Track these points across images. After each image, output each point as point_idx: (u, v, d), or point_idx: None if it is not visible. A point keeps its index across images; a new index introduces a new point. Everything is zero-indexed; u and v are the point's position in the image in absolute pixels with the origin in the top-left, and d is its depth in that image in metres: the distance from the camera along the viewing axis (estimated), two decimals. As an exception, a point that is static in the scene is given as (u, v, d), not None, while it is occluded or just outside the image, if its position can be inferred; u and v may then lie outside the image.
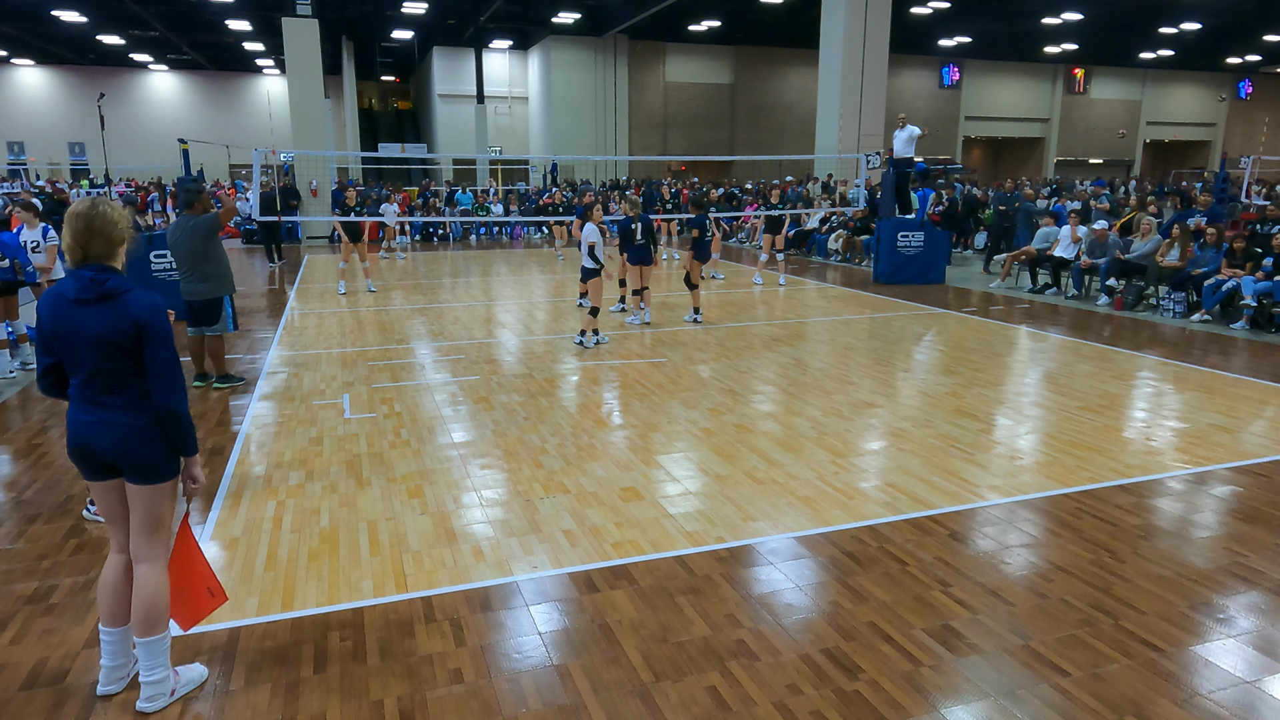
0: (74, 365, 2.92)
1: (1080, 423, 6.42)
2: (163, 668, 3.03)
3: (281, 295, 13.42)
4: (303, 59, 21.93)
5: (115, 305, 2.86)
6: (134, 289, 2.93)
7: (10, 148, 37.26)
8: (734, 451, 5.77)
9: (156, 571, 3.03)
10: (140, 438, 2.92)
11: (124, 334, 2.85)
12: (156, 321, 2.90)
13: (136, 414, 2.92)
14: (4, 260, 7.84)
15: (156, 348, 2.89)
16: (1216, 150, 44.36)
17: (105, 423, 2.91)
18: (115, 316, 2.85)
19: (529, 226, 24.61)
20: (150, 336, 2.87)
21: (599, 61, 35.60)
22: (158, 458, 2.96)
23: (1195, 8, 29.98)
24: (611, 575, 4.00)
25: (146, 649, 3.01)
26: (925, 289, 13.51)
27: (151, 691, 3.01)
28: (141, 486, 2.97)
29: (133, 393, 2.92)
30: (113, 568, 3.09)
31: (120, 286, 2.88)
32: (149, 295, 2.94)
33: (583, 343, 9.22)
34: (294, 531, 4.51)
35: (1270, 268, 10.25)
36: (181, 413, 2.95)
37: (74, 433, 2.95)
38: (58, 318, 2.88)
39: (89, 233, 2.88)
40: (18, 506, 4.89)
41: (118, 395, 2.91)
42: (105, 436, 2.91)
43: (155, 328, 2.89)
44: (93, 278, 2.86)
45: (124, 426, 2.91)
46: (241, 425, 6.44)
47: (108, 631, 3.09)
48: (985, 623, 3.57)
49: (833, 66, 20.78)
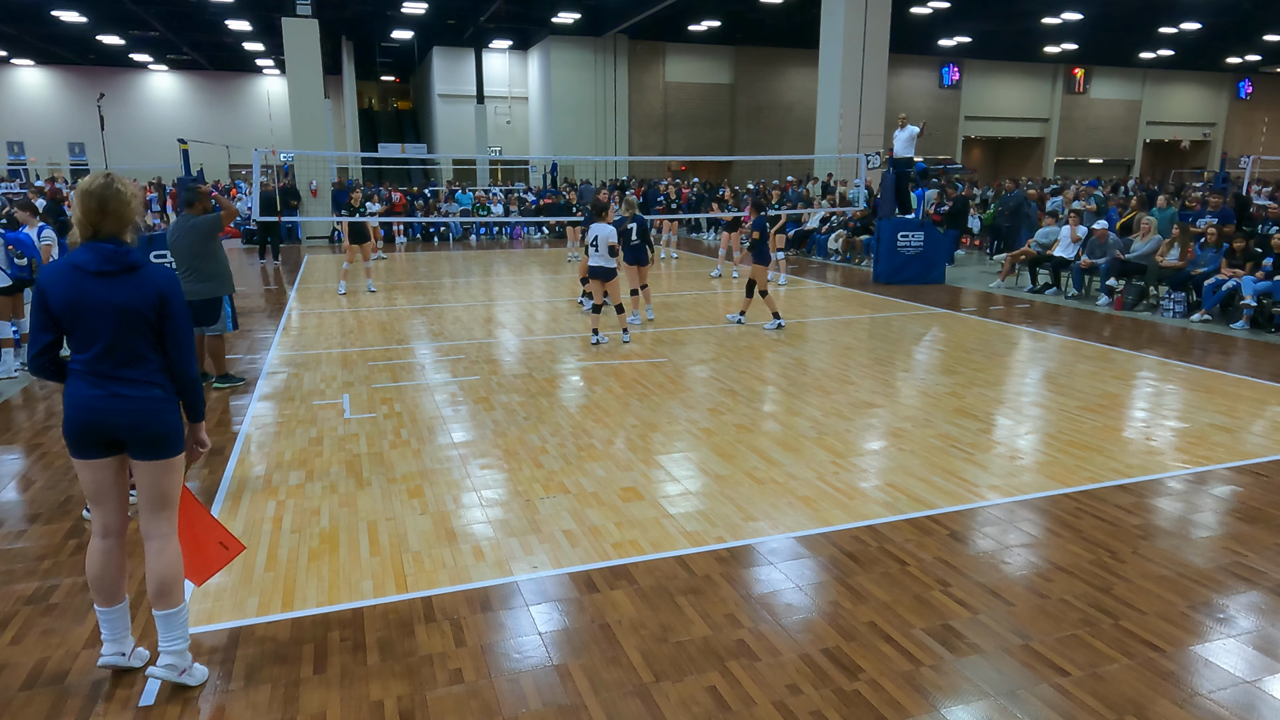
0: (88, 338, 2.91)
1: (1080, 423, 6.42)
2: (182, 639, 3.09)
3: (281, 295, 13.43)
4: (303, 59, 21.93)
5: (138, 277, 2.93)
6: (152, 264, 3.02)
7: (10, 148, 37.23)
8: (734, 451, 5.77)
9: (170, 545, 3.09)
10: (154, 411, 2.98)
11: (149, 305, 2.92)
12: (176, 293, 3.00)
13: (150, 388, 2.98)
14: (22, 259, 7.88)
15: (176, 319, 2.98)
16: (1216, 150, 44.36)
17: (119, 396, 2.94)
18: (140, 288, 2.92)
19: (529, 227, 24.61)
20: (172, 308, 2.97)
21: (599, 61, 35.59)
22: (169, 431, 3.02)
23: (1195, 8, 29.97)
24: (611, 575, 4.00)
25: (165, 621, 3.06)
26: (925, 289, 13.51)
27: (170, 660, 3.06)
28: (151, 462, 3.01)
29: (149, 366, 2.99)
30: (96, 553, 3.09)
31: (140, 260, 2.96)
32: (166, 269, 3.05)
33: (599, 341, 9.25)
34: (294, 531, 4.51)
35: (1270, 268, 10.25)
36: (197, 378, 3.10)
37: (81, 407, 2.94)
38: (72, 290, 2.88)
39: (102, 211, 2.91)
40: (18, 506, 4.89)
41: (133, 369, 2.96)
42: (119, 410, 2.94)
43: (176, 299, 2.99)
44: (115, 250, 2.91)
45: (139, 400, 2.96)
46: (241, 425, 6.44)
47: (103, 611, 3.13)
48: (985, 623, 3.57)
49: (833, 66, 20.78)
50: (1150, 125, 45.48)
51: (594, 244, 9.20)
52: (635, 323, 10.51)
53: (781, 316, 10.35)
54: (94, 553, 3.10)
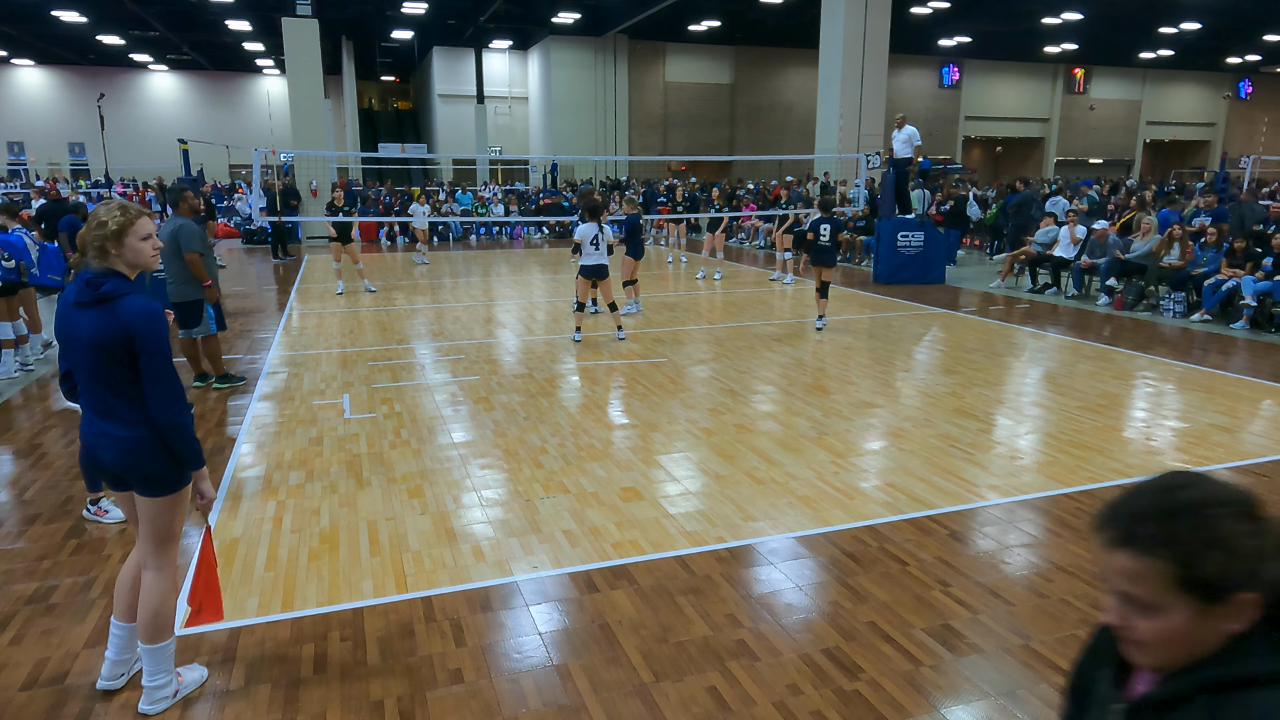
0: (77, 370, 2.89)
1: (1080, 422, 6.42)
2: (165, 673, 3.03)
3: (282, 295, 13.42)
4: (303, 59, 21.92)
5: (108, 310, 2.77)
6: (132, 294, 2.83)
7: (10, 148, 37.23)
8: (734, 451, 5.77)
9: (163, 581, 3.00)
10: (141, 451, 2.85)
11: (115, 339, 2.76)
12: (148, 328, 2.78)
13: (137, 426, 2.84)
14: (10, 261, 7.85)
15: (149, 355, 2.79)
16: (1216, 150, 44.34)
17: (106, 434, 2.87)
18: (107, 321, 2.76)
19: (529, 227, 24.61)
20: (142, 344, 2.77)
21: (599, 61, 35.59)
22: (160, 471, 2.89)
23: (1195, 8, 29.97)
24: (611, 575, 4.00)
25: (151, 655, 3.00)
26: (925, 289, 13.51)
27: (155, 696, 3.01)
28: (147, 499, 2.93)
29: (132, 403, 2.84)
30: (130, 566, 3.11)
31: (117, 290, 2.79)
32: (143, 301, 2.82)
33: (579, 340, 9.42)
34: (294, 532, 4.51)
35: (1270, 268, 10.25)
36: (181, 424, 2.85)
37: (82, 443, 2.98)
38: (62, 320, 2.87)
39: (84, 236, 2.86)
40: (18, 506, 4.89)
41: (126, 406, 2.84)
42: (107, 449, 2.87)
43: (146, 334, 2.78)
44: (89, 280, 2.80)
45: (124, 440, 2.85)
46: (241, 425, 6.44)
47: (118, 625, 3.10)
48: (985, 623, 3.57)
49: (833, 66, 20.76)
50: (1150, 125, 45.48)
51: (592, 242, 9.23)
52: (634, 310, 11.14)
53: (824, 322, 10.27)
54: (128, 564, 3.13)
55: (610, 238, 9.50)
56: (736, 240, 22.31)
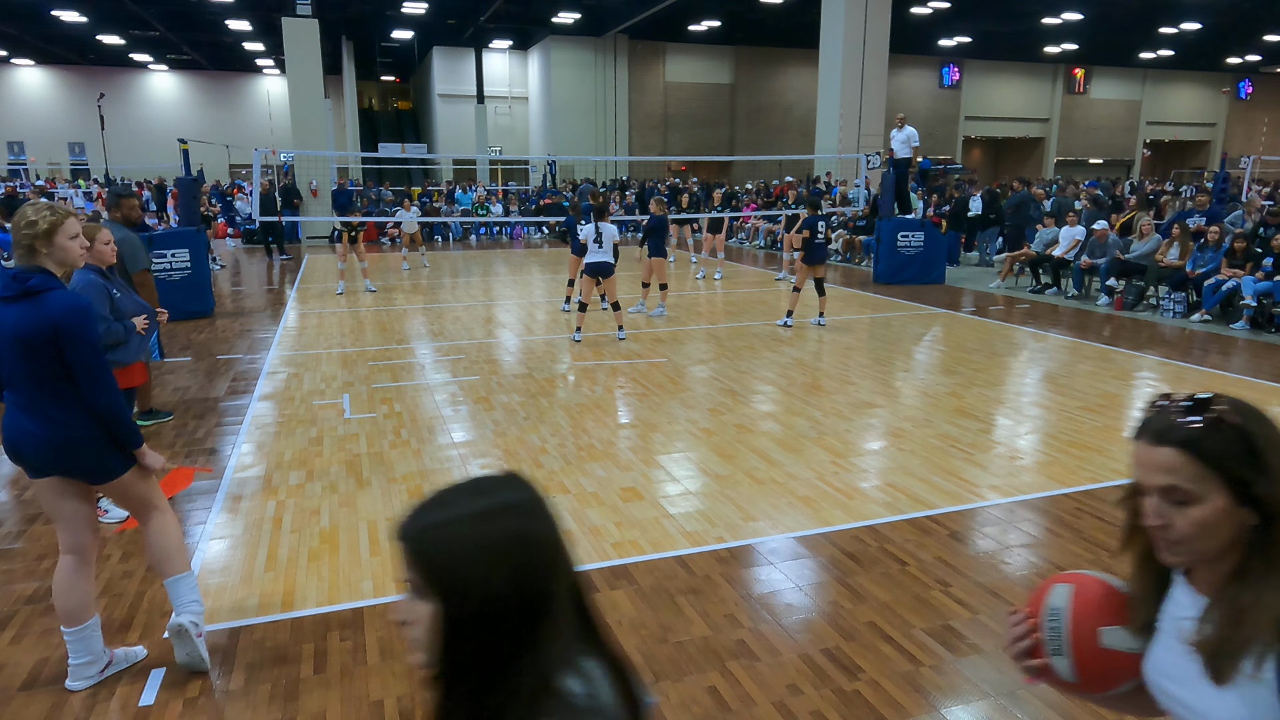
0: (2, 366, 2.86)
1: (1080, 423, 6.42)
2: (196, 603, 3.18)
3: (282, 295, 13.42)
4: (303, 59, 21.92)
5: (34, 304, 2.77)
6: (59, 289, 2.82)
7: (10, 148, 37.22)
8: (734, 451, 5.77)
9: (162, 519, 3.15)
10: (65, 449, 2.86)
11: (40, 334, 2.74)
12: (72, 322, 2.76)
13: (55, 427, 2.83)
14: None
15: (77, 348, 2.77)
16: (1216, 150, 44.34)
17: (28, 434, 2.86)
18: (32, 315, 2.75)
19: (529, 227, 24.61)
20: (67, 337, 2.75)
21: (599, 61, 35.58)
22: (94, 461, 2.91)
23: (1195, 8, 29.97)
24: (611, 575, 4.00)
25: (174, 585, 3.14)
26: (925, 289, 13.51)
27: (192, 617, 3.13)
28: (102, 485, 3.00)
29: (60, 399, 2.82)
30: (63, 569, 3.04)
31: (43, 285, 2.80)
32: (70, 295, 2.82)
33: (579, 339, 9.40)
34: (294, 531, 4.51)
35: (1270, 268, 10.25)
36: (116, 409, 2.88)
37: (5, 437, 2.92)
38: None
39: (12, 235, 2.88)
40: (18, 506, 4.89)
41: (52, 403, 2.82)
42: (29, 447, 2.88)
43: (71, 328, 2.76)
44: (15, 274, 2.80)
45: (45, 442, 2.85)
46: (241, 425, 6.44)
47: (69, 631, 3.06)
48: (985, 623, 3.57)
49: (833, 67, 20.77)
50: (1150, 125, 45.48)
51: (596, 240, 9.23)
52: (661, 314, 11.03)
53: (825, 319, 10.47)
54: (60, 568, 3.06)
55: (615, 237, 9.45)
56: (737, 240, 22.31)
